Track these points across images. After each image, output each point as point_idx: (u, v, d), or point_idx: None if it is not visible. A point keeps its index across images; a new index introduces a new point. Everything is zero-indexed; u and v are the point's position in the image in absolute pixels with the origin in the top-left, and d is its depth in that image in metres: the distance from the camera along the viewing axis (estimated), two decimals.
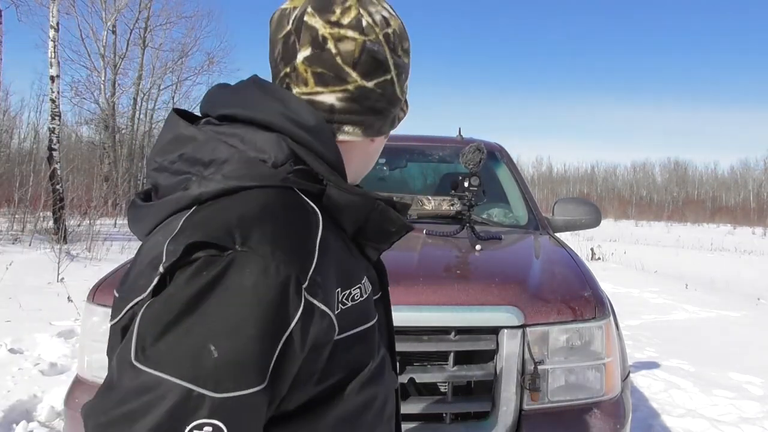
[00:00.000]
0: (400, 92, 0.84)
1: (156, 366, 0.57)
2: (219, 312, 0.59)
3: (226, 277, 0.60)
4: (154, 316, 0.60)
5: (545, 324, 1.82)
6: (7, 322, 4.89)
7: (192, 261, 0.62)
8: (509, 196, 3.39)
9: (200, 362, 0.57)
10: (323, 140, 0.75)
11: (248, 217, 0.65)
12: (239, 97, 0.76)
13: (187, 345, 0.58)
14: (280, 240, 0.64)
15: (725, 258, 17.58)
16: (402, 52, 0.82)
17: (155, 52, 21.45)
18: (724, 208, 62.27)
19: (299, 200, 0.71)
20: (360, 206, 0.76)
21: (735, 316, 7.20)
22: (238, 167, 0.70)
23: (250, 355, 0.59)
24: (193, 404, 0.56)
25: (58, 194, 11.79)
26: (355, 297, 0.73)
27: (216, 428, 0.56)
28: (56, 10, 12.61)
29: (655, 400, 3.98)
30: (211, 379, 0.57)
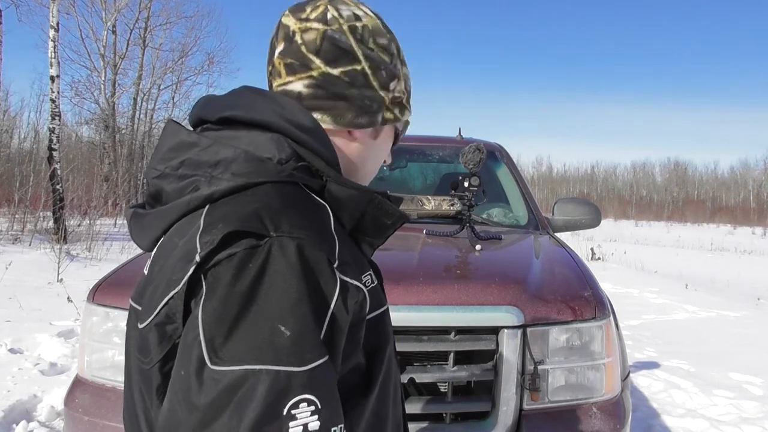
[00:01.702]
0: (380, 87, 0.84)
1: (236, 361, 0.59)
2: (276, 295, 0.62)
3: (272, 262, 0.63)
4: (216, 317, 0.61)
5: (545, 324, 1.82)
6: (7, 322, 4.89)
7: (232, 254, 0.64)
8: (509, 196, 3.39)
9: (277, 344, 0.60)
10: (320, 139, 0.79)
11: (273, 207, 0.68)
12: (238, 100, 0.80)
13: (258, 332, 0.60)
14: (307, 226, 0.68)
15: (725, 258, 17.59)
16: (375, 46, 0.84)
17: (155, 52, 21.45)
18: (724, 208, 62.24)
19: (307, 194, 0.75)
20: (358, 200, 0.79)
21: (735, 316, 7.20)
22: (246, 165, 0.72)
23: (312, 329, 0.62)
24: (284, 384, 0.59)
25: (58, 194, 11.79)
26: (367, 283, 0.76)
27: (310, 402, 0.59)
28: (56, 10, 12.61)
29: (655, 400, 3.98)
30: (292, 355, 0.60)
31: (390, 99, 0.86)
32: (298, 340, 0.61)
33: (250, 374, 0.58)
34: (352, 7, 0.85)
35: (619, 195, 72.18)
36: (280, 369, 0.59)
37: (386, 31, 0.87)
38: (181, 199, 0.74)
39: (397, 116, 0.89)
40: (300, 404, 0.59)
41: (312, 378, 0.60)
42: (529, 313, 1.81)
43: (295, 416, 0.58)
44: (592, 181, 76.66)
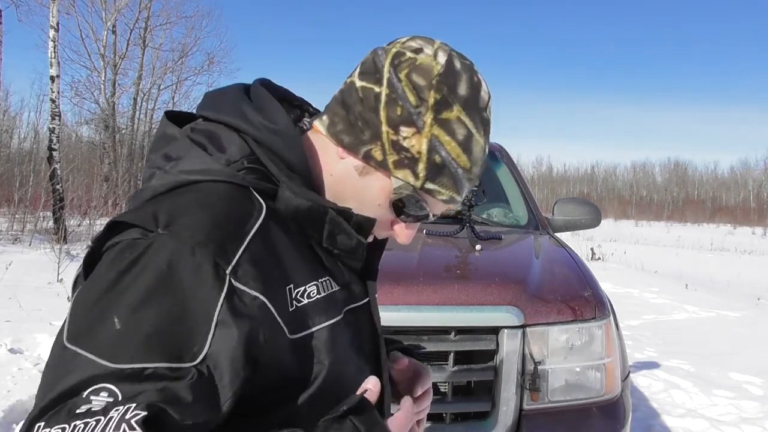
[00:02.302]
0: (386, 120, 0.75)
1: (71, 341, 0.62)
2: (131, 289, 0.63)
3: (144, 257, 0.64)
4: (81, 298, 0.66)
5: (545, 324, 1.82)
6: (7, 322, 4.89)
7: (116, 243, 0.67)
8: (509, 196, 3.39)
9: (102, 333, 0.61)
10: (286, 142, 0.76)
11: (181, 206, 0.69)
12: (216, 100, 0.81)
13: (94, 318, 0.63)
14: (204, 227, 0.67)
15: (725, 258, 17.58)
16: (406, 80, 0.74)
17: (155, 52, 21.44)
18: (724, 208, 62.24)
19: (243, 194, 0.73)
20: (312, 212, 0.76)
21: (735, 316, 7.20)
22: (193, 162, 0.74)
23: (149, 330, 0.61)
24: (91, 373, 0.59)
25: (58, 194, 11.80)
26: (311, 294, 0.74)
27: (111, 392, 0.58)
28: (56, 10, 12.62)
29: (655, 400, 3.98)
30: (108, 349, 0.60)
31: (391, 141, 0.75)
32: (122, 337, 0.61)
33: (72, 355, 0.61)
34: (432, 46, 0.77)
35: (619, 195, 72.19)
36: (94, 359, 0.60)
37: (438, 81, 0.74)
38: (143, 187, 0.77)
39: (388, 165, 0.76)
40: (101, 392, 0.59)
41: (123, 375, 0.59)
42: (529, 313, 1.81)
43: (90, 401, 0.58)
44: (592, 181, 76.67)
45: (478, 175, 0.81)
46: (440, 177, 0.77)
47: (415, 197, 0.78)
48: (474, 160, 0.78)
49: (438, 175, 0.76)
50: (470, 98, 0.76)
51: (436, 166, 0.76)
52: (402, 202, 0.79)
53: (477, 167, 0.79)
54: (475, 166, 0.79)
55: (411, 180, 0.76)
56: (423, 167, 0.76)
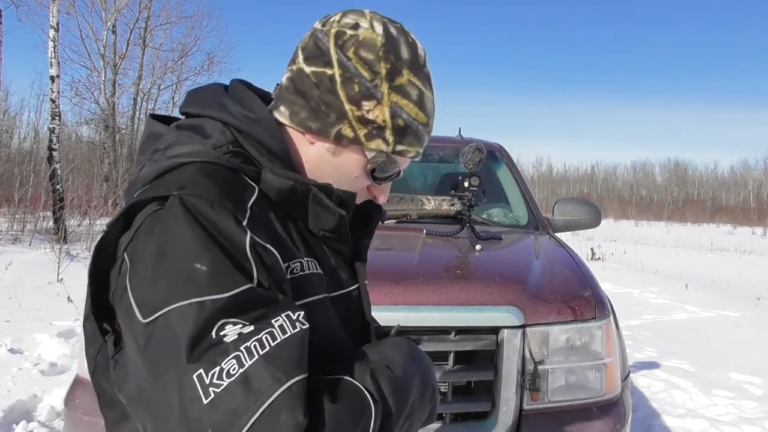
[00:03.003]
0: (346, 99, 0.79)
1: (162, 306, 0.63)
2: (185, 240, 0.66)
3: (173, 216, 0.67)
4: (138, 278, 0.66)
5: (545, 324, 1.82)
6: (7, 322, 4.89)
7: (139, 226, 0.70)
8: (509, 196, 3.39)
9: (195, 280, 0.64)
10: (266, 129, 0.81)
11: (186, 176, 0.73)
12: (196, 96, 0.86)
13: (175, 275, 0.64)
14: (214, 190, 0.71)
15: (725, 258, 17.58)
16: (355, 57, 0.79)
17: (155, 52, 21.42)
18: (724, 208, 62.22)
19: (233, 174, 0.77)
20: (293, 192, 0.79)
21: (735, 316, 7.20)
22: (182, 149, 0.77)
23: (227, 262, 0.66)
24: (210, 310, 0.62)
25: (58, 194, 11.80)
26: (294, 270, 0.77)
27: (236, 323, 0.62)
28: (56, 10, 12.61)
29: (655, 400, 3.98)
30: (213, 285, 0.63)
31: (356, 117, 0.80)
32: (214, 272, 0.64)
33: (173, 312, 0.62)
34: (366, 19, 0.81)
35: (619, 195, 72.17)
36: (203, 299, 0.62)
37: (384, 51, 0.79)
38: (132, 181, 0.80)
39: (361, 140, 0.81)
40: (227, 325, 0.61)
41: (235, 301, 0.63)
42: (529, 313, 1.81)
43: (226, 334, 0.61)
44: (592, 181, 76.63)
45: (432, 125, 0.88)
46: (406, 137, 0.83)
47: (390, 161, 0.84)
48: (428, 114, 0.85)
49: (404, 136, 0.83)
50: (412, 59, 0.82)
51: (401, 129, 0.82)
52: (379, 169, 0.85)
53: (432, 119, 0.86)
54: (431, 119, 0.86)
55: (383, 147, 0.82)
56: (390, 133, 0.82)
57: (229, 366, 0.59)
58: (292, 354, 0.61)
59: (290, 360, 0.61)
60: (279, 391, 0.58)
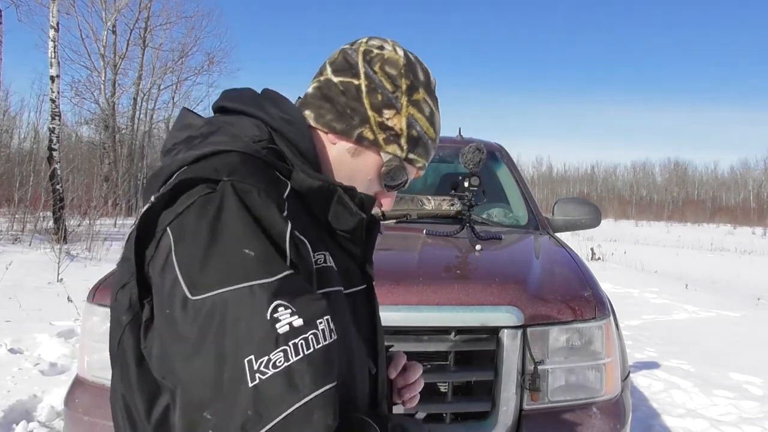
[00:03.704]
0: (369, 106, 0.89)
1: (215, 287, 0.67)
2: (235, 226, 0.70)
3: (226, 201, 0.71)
4: (190, 256, 0.70)
5: (545, 324, 1.82)
6: (7, 322, 4.89)
7: (191, 203, 0.73)
8: (509, 196, 3.39)
9: (245, 264, 0.68)
10: (298, 131, 0.87)
11: (231, 162, 0.77)
12: (235, 94, 0.91)
13: (227, 259, 0.68)
14: (259, 180, 0.76)
15: (725, 258, 17.58)
16: (380, 71, 0.90)
17: (155, 52, 21.43)
18: (724, 208, 62.21)
19: (269, 167, 0.82)
20: (321, 191, 0.84)
21: (735, 316, 7.20)
22: (223, 138, 0.83)
23: (272, 249, 0.70)
24: (260, 294, 0.66)
25: (58, 194, 11.80)
26: (318, 261, 0.80)
27: (286, 306, 0.66)
28: (56, 10, 12.61)
29: (655, 400, 3.98)
30: (261, 270, 0.68)
31: (377, 122, 0.90)
32: (262, 258, 0.69)
33: (228, 294, 0.66)
34: (389, 44, 0.93)
35: (619, 195, 72.16)
36: (254, 283, 0.67)
37: (405, 70, 0.91)
38: (164, 163, 0.84)
39: (380, 143, 0.90)
40: (279, 308, 0.66)
41: (282, 286, 0.68)
42: (529, 313, 1.81)
43: (278, 319, 0.65)
44: (592, 181, 76.63)
45: (437, 144, 0.98)
46: (417, 147, 0.94)
47: (402, 168, 0.93)
48: (437, 131, 0.97)
49: (416, 146, 0.93)
50: (426, 82, 0.95)
51: (414, 139, 0.93)
52: (392, 174, 0.93)
53: (438, 137, 0.98)
54: (438, 136, 0.97)
55: (398, 153, 0.92)
56: (405, 141, 0.92)
57: (276, 358, 0.64)
58: (329, 360, 0.67)
59: (328, 366, 0.66)
60: (316, 393, 0.64)
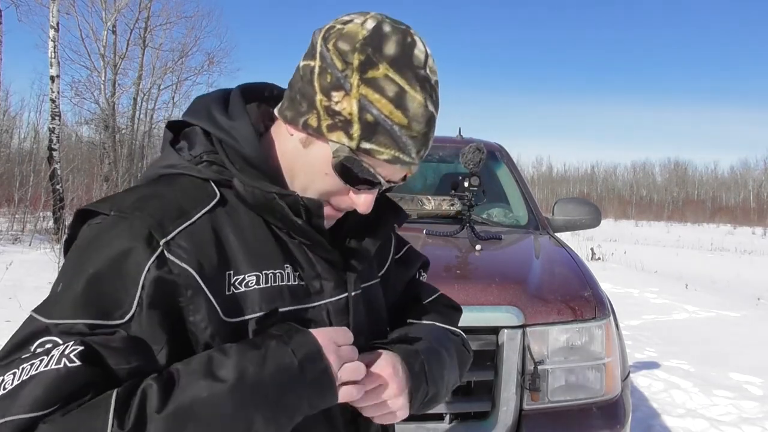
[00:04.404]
0: (319, 89, 0.77)
1: (33, 310, 0.72)
2: (78, 258, 0.73)
3: (96, 235, 0.74)
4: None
5: (545, 324, 1.82)
6: (7, 322, 4.89)
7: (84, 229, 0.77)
8: (509, 196, 3.39)
9: (49, 296, 0.72)
10: (239, 135, 0.82)
11: (137, 193, 0.79)
12: (194, 105, 0.88)
13: (52, 290, 0.73)
14: (148, 207, 0.75)
15: (725, 258, 17.57)
16: (333, 47, 0.77)
17: (155, 52, 21.41)
18: (724, 208, 62.21)
19: (201, 185, 0.81)
20: (260, 199, 0.80)
21: (735, 316, 7.20)
22: (164, 159, 0.85)
23: (81, 291, 0.69)
24: (39, 330, 0.68)
25: (58, 194, 11.80)
26: (249, 283, 0.77)
27: (53, 342, 0.66)
28: (56, 10, 12.62)
29: (655, 400, 3.98)
30: (46, 308, 0.70)
31: (324, 107, 0.77)
32: (59, 296, 0.71)
33: (27, 320, 0.71)
34: (363, 17, 0.79)
35: (619, 195, 72.15)
36: (37, 317, 0.70)
37: (362, 44, 0.76)
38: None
39: (322, 130, 0.77)
40: (46, 344, 0.67)
41: (59, 332, 0.67)
42: (529, 313, 1.81)
43: (34, 354, 0.66)
44: (592, 181, 76.62)
45: (425, 133, 0.79)
46: (375, 135, 0.76)
47: (354, 160, 0.78)
48: (412, 116, 0.77)
49: (372, 134, 0.76)
50: (399, 56, 0.76)
51: (369, 125, 0.76)
52: (345, 168, 0.79)
53: (419, 123, 0.78)
54: (416, 122, 0.77)
55: (346, 141, 0.77)
56: (357, 128, 0.76)
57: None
58: (32, 391, 0.64)
59: (27, 397, 0.64)
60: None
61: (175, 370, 0.68)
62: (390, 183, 0.83)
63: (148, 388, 0.65)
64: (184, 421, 0.64)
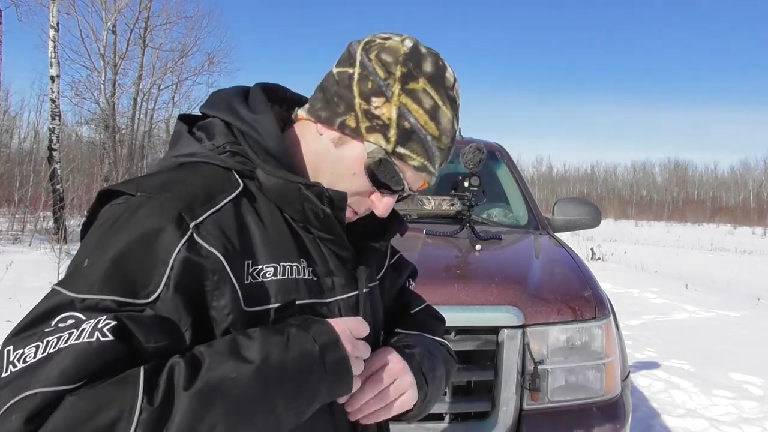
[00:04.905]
0: (358, 93, 0.81)
1: (56, 284, 0.71)
2: (104, 235, 0.72)
3: (122, 215, 0.73)
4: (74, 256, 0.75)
5: (545, 324, 1.82)
6: (7, 322, 4.89)
7: (107, 209, 0.76)
8: (509, 196, 3.39)
9: (73, 270, 0.71)
10: (262, 129, 0.83)
11: (163, 177, 0.79)
12: (213, 98, 0.89)
13: (76, 265, 0.72)
14: (175, 189, 0.75)
15: (725, 258, 17.57)
16: (375, 58, 0.81)
17: (155, 52, 21.41)
18: (724, 208, 62.21)
19: (224, 174, 0.81)
20: (282, 189, 0.81)
21: (735, 316, 7.20)
22: (183, 148, 0.84)
23: (110, 266, 0.69)
24: (63, 303, 0.67)
25: (58, 194, 11.81)
26: (266, 274, 0.77)
27: (76, 318, 0.65)
28: (56, 10, 12.62)
29: (655, 400, 3.98)
30: (74, 282, 0.69)
31: (363, 110, 0.81)
32: (85, 271, 0.69)
33: (50, 293, 0.70)
34: (400, 37, 0.85)
35: (619, 195, 72.17)
36: (60, 290, 0.68)
37: (404, 58, 0.81)
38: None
39: (361, 131, 0.81)
40: (68, 320, 0.65)
41: (83, 308, 0.66)
42: (529, 313, 1.81)
43: (59, 327, 0.65)
44: (592, 181, 76.63)
45: (449, 147, 0.85)
46: (410, 142, 0.81)
47: (388, 162, 0.82)
48: (443, 130, 0.83)
49: (408, 140, 0.81)
50: (435, 75, 0.83)
51: (406, 132, 0.81)
52: (376, 169, 0.82)
53: (447, 137, 0.83)
54: (445, 136, 0.83)
55: (383, 143, 0.81)
56: (394, 132, 0.81)
57: (16, 356, 0.64)
58: (61, 363, 0.63)
59: (54, 369, 0.63)
60: (18, 398, 0.61)
61: (198, 352, 0.68)
62: (410, 191, 0.87)
63: (176, 365, 0.65)
64: (212, 399, 0.65)
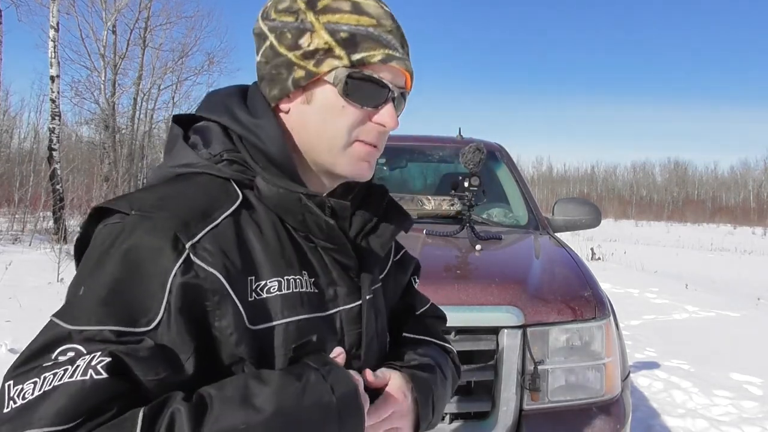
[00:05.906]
0: (287, 49, 0.79)
1: (53, 315, 0.69)
2: (98, 260, 0.69)
3: (118, 237, 0.69)
4: (71, 282, 0.72)
5: (545, 324, 1.82)
6: (7, 322, 4.89)
7: (101, 229, 0.73)
8: (509, 196, 3.39)
9: (69, 301, 0.69)
10: (265, 134, 0.79)
11: (157, 193, 0.76)
12: (210, 100, 0.86)
13: (72, 294, 0.69)
14: (172, 208, 0.72)
15: (725, 258, 17.57)
16: (276, 14, 0.81)
17: (155, 52, 21.40)
18: (724, 208, 62.21)
19: (221, 185, 0.78)
20: (284, 199, 0.78)
21: (735, 316, 7.19)
22: (179, 157, 0.81)
23: (104, 296, 0.66)
24: (61, 336, 0.65)
25: (58, 194, 11.81)
26: (270, 289, 0.74)
27: (76, 350, 0.63)
28: (56, 10, 12.62)
29: (655, 400, 3.98)
30: (70, 313, 0.67)
31: (300, 55, 0.79)
32: (81, 300, 0.67)
33: (48, 325, 0.68)
34: None
35: (619, 195, 72.14)
36: (58, 322, 0.66)
37: None
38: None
39: (313, 71, 0.78)
40: (68, 352, 0.64)
41: (82, 339, 0.64)
42: (529, 313, 1.81)
43: (57, 362, 0.63)
44: (592, 181, 76.61)
45: (396, 27, 0.82)
46: (358, 45, 0.79)
47: (355, 74, 0.79)
48: (377, 16, 0.80)
49: (354, 44, 0.79)
50: None
51: (347, 39, 0.79)
52: (353, 88, 0.79)
53: (386, 20, 0.81)
54: (383, 19, 0.81)
55: (338, 63, 0.78)
56: (338, 48, 0.78)
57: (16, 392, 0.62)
58: (56, 402, 0.61)
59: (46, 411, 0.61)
60: None
61: (206, 395, 0.65)
62: (398, 88, 0.82)
63: (177, 413, 0.62)
64: None
